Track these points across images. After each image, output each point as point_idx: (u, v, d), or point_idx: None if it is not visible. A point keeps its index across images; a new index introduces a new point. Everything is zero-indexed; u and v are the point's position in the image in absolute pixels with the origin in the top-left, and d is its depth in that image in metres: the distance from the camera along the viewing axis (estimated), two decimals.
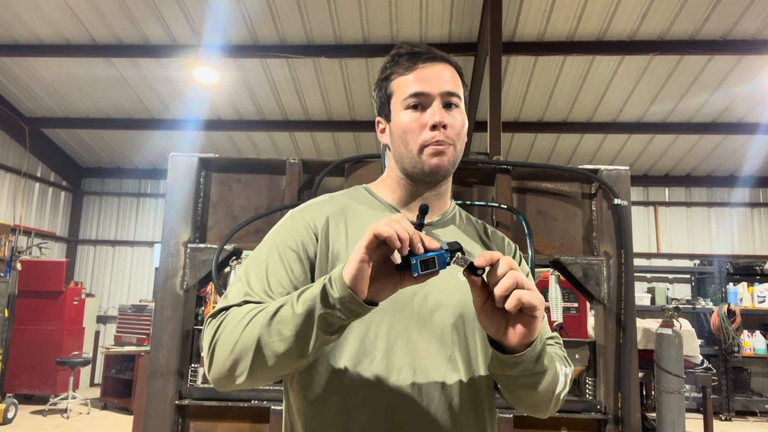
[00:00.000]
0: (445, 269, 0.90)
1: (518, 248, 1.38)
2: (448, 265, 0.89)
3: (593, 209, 2.28)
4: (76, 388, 7.32)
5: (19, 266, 7.76)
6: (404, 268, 0.89)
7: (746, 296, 8.10)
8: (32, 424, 6.57)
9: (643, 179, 9.10)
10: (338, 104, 7.71)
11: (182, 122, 8.13)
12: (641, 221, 9.06)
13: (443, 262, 0.88)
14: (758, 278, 8.30)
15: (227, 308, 1.07)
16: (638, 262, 8.70)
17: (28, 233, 8.64)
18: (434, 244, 0.89)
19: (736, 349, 7.51)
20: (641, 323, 4.01)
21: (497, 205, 2.19)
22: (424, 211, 1.08)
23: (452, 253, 0.89)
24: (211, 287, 5.81)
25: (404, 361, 1.09)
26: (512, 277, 0.89)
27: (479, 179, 2.31)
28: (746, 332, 7.86)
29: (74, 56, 6.86)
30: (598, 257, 2.21)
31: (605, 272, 2.19)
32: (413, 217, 1.18)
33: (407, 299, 1.13)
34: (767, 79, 6.70)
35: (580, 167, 2.25)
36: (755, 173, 8.92)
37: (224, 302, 1.09)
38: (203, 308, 5.87)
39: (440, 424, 1.09)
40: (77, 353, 7.72)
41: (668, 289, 8.48)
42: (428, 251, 0.88)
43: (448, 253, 0.89)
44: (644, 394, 4.70)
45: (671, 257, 9.05)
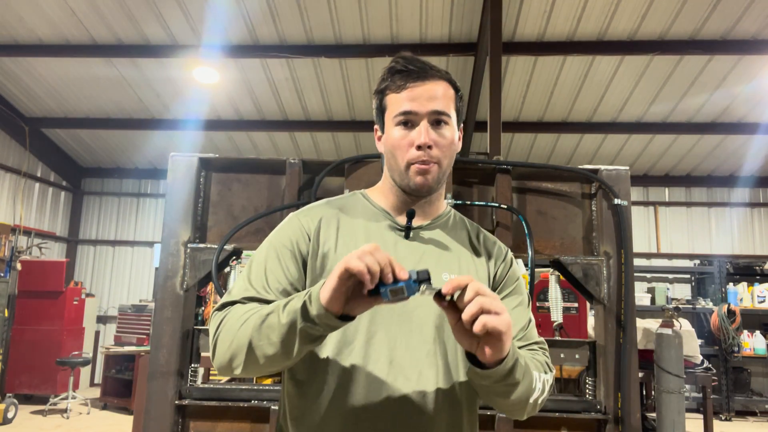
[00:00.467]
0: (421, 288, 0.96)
1: (510, 251, 1.41)
2: (417, 291, 0.95)
3: (593, 209, 2.28)
4: (76, 388, 7.33)
5: (19, 266, 7.76)
6: (375, 293, 0.96)
7: (746, 296, 8.10)
8: (32, 424, 6.57)
9: (643, 179, 9.10)
10: (338, 104, 7.71)
11: (182, 122, 8.13)
12: (641, 221, 9.06)
13: (412, 290, 0.95)
14: (758, 278, 8.30)
15: (231, 303, 1.18)
16: (638, 262, 8.70)
17: (28, 233, 8.64)
18: (404, 274, 0.95)
19: (736, 349, 7.51)
20: (641, 323, 4.01)
21: (497, 205, 2.19)
22: (410, 215, 1.25)
23: (420, 282, 0.96)
24: (211, 287, 5.81)
25: (381, 352, 1.16)
26: (477, 303, 0.94)
27: (479, 179, 2.31)
28: (746, 332, 7.86)
29: (74, 56, 6.86)
30: (598, 257, 2.21)
31: (605, 272, 2.19)
32: (404, 220, 1.28)
33: None
34: (767, 79, 6.70)
35: (580, 167, 2.25)
36: (755, 173, 8.93)
37: (228, 297, 1.20)
38: (203, 308, 5.87)
39: (412, 414, 1.15)
40: (77, 353, 7.73)
41: (668, 289, 8.48)
42: (398, 281, 0.95)
43: (416, 282, 0.95)
44: (644, 394, 4.70)
45: (671, 257, 9.06)
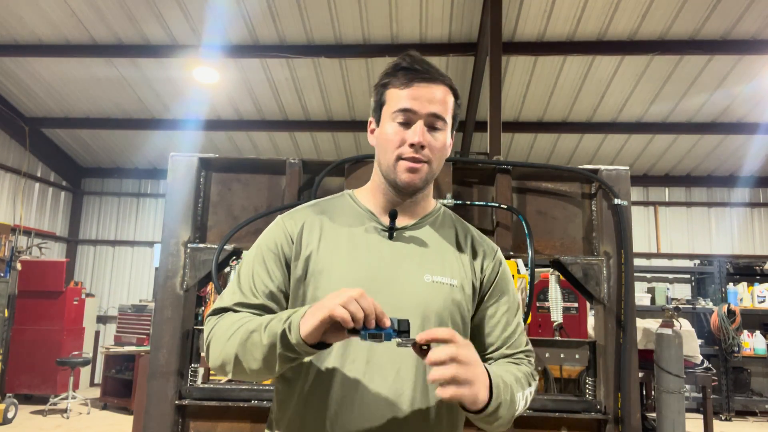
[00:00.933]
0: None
1: (499, 250, 1.43)
2: (394, 338, 1.01)
3: (593, 209, 2.28)
4: (76, 388, 7.32)
5: (19, 266, 7.76)
6: (355, 333, 1.02)
7: (746, 296, 8.10)
8: (32, 424, 6.57)
9: (643, 179, 9.10)
10: (338, 104, 7.70)
11: (182, 122, 8.13)
12: (641, 221, 9.06)
13: (389, 338, 1.01)
14: (758, 278, 8.30)
15: (223, 310, 1.25)
16: (638, 262, 8.70)
17: (28, 233, 8.64)
18: (386, 323, 1.01)
19: (736, 349, 7.51)
20: (641, 323, 4.01)
21: (497, 205, 2.19)
22: (393, 216, 1.28)
23: (400, 333, 1.01)
24: (211, 287, 5.81)
25: (359, 353, 1.18)
26: (450, 371, 0.99)
27: (479, 179, 2.31)
28: (746, 332, 7.86)
29: (74, 56, 6.86)
30: (598, 257, 2.21)
31: (605, 272, 2.19)
32: (402, 219, 1.31)
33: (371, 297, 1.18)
34: (767, 79, 6.70)
35: (580, 167, 2.25)
36: (755, 173, 8.92)
37: (220, 303, 1.27)
38: (203, 308, 5.87)
39: (386, 413, 1.17)
40: (77, 353, 7.72)
41: (668, 289, 8.48)
42: (379, 327, 1.01)
43: (395, 332, 1.01)
44: (644, 394, 4.70)
45: (671, 257, 9.05)
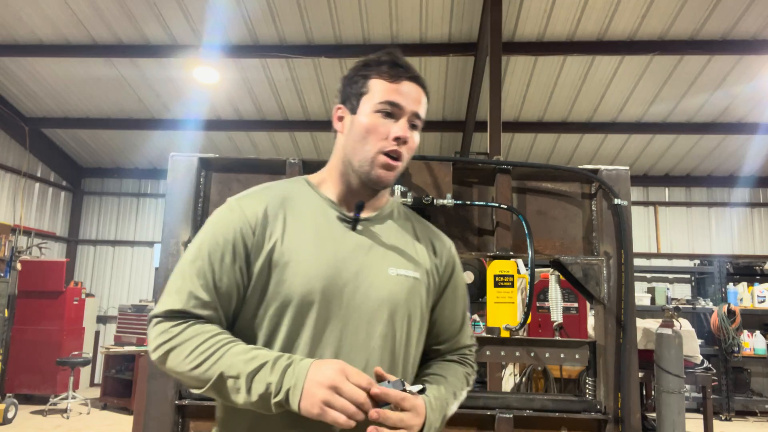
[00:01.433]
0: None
1: (453, 245, 1.46)
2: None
3: (593, 209, 2.28)
4: (76, 388, 7.32)
5: (19, 266, 7.76)
6: None
7: (746, 296, 8.10)
8: (32, 424, 6.57)
9: (643, 179, 9.09)
10: None
11: (182, 122, 8.13)
12: (641, 221, 9.06)
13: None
14: (758, 278, 8.30)
15: (180, 314, 1.15)
16: (638, 262, 8.70)
17: (28, 233, 8.63)
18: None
19: (736, 349, 7.51)
20: (641, 323, 4.01)
21: (497, 205, 2.19)
22: (360, 207, 1.25)
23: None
24: None
25: (327, 349, 1.16)
26: None
27: (479, 179, 2.31)
28: (746, 332, 7.86)
29: (74, 56, 6.86)
30: (598, 257, 2.21)
31: (605, 272, 2.19)
32: (350, 211, 1.28)
33: (337, 292, 1.18)
34: (767, 79, 6.70)
35: (580, 167, 2.25)
36: (755, 173, 8.92)
37: (171, 301, 1.17)
38: None
39: None
40: (77, 353, 7.72)
41: (668, 289, 8.48)
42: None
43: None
44: (644, 394, 4.70)
45: (671, 257, 9.05)
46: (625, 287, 2.15)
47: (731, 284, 8.19)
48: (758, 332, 8.00)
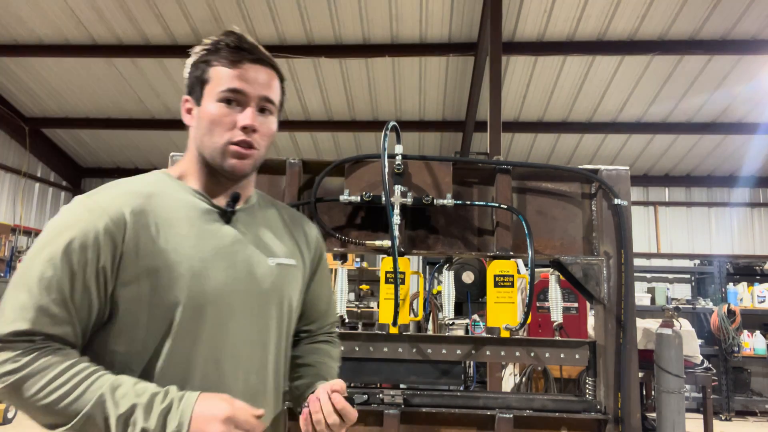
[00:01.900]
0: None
1: (316, 228, 1.46)
2: None
3: (593, 209, 2.28)
4: None
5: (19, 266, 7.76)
6: None
7: (746, 296, 8.10)
8: (32, 423, 6.53)
9: (643, 179, 9.09)
10: (338, 104, 7.70)
11: (182, 122, 8.11)
12: (641, 221, 9.05)
13: None
14: (758, 278, 8.29)
15: (31, 335, 0.98)
16: (638, 262, 8.69)
17: (28, 233, 8.63)
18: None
19: (736, 349, 7.50)
20: (641, 323, 4.01)
21: (497, 205, 2.19)
22: (235, 198, 1.20)
23: None
24: None
25: (224, 351, 1.13)
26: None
27: (479, 179, 2.31)
28: (746, 332, 7.85)
29: (74, 56, 6.86)
30: (598, 257, 2.21)
31: (605, 272, 2.19)
32: (221, 203, 1.21)
33: (227, 290, 1.14)
34: (767, 79, 6.70)
35: (580, 167, 2.25)
36: (755, 173, 8.92)
37: (19, 320, 0.98)
38: None
39: (254, 353, 1.18)
40: None
41: (668, 289, 8.47)
42: None
43: None
44: (644, 394, 4.70)
45: (671, 257, 9.05)
46: (625, 287, 2.15)
47: (731, 284, 8.18)
48: (758, 332, 7.99)
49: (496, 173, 2.25)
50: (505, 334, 2.15)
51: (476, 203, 2.23)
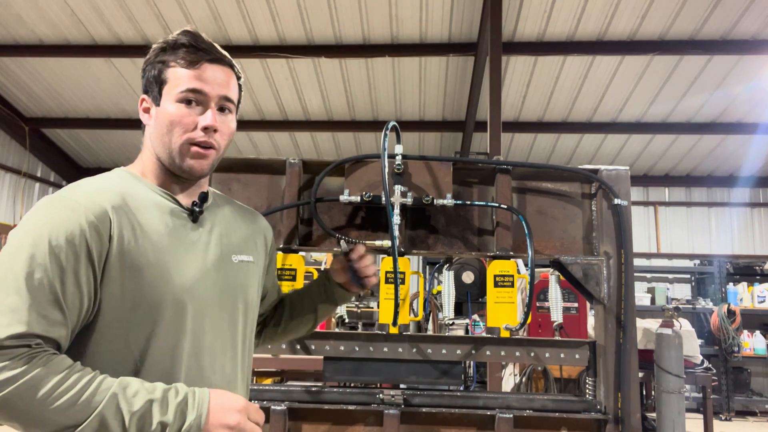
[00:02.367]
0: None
1: (269, 228, 1.51)
2: None
3: (593, 209, 2.28)
4: None
5: None
6: None
7: (746, 296, 8.10)
8: None
9: (643, 179, 9.09)
10: (338, 104, 7.70)
11: None
12: (641, 221, 9.06)
13: None
14: (758, 278, 8.29)
15: (25, 342, 0.94)
16: (638, 262, 8.69)
17: None
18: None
19: (736, 349, 7.50)
20: (641, 323, 4.01)
21: (497, 205, 2.19)
22: (203, 199, 1.24)
23: None
24: None
25: (205, 351, 1.16)
26: (373, 268, 1.49)
27: (479, 179, 2.31)
28: (746, 332, 7.85)
29: (74, 56, 6.86)
30: (598, 257, 2.21)
31: (605, 272, 2.19)
32: (183, 201, 1.22)
33: (202, 289, 1.17)
34: (767, 79, 6.70)
35: (580, 167, 2.25)
36: (755, 173, 8.92)
37: (15, 323, 0.94)
38: None
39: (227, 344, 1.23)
40: None
41: (668, 289, 8.47)
42: None
43: None
44: (644, 394, 4.70)
45: (671, 257, 9.05)
46: (625, 287, 2.15)
47: (731, 284, 8.19)
48: (758, 332, 7.99)
49: (496, 173, 2.25)
50: (505, 334, 2.15)
51: (476, 203, 2.23)
